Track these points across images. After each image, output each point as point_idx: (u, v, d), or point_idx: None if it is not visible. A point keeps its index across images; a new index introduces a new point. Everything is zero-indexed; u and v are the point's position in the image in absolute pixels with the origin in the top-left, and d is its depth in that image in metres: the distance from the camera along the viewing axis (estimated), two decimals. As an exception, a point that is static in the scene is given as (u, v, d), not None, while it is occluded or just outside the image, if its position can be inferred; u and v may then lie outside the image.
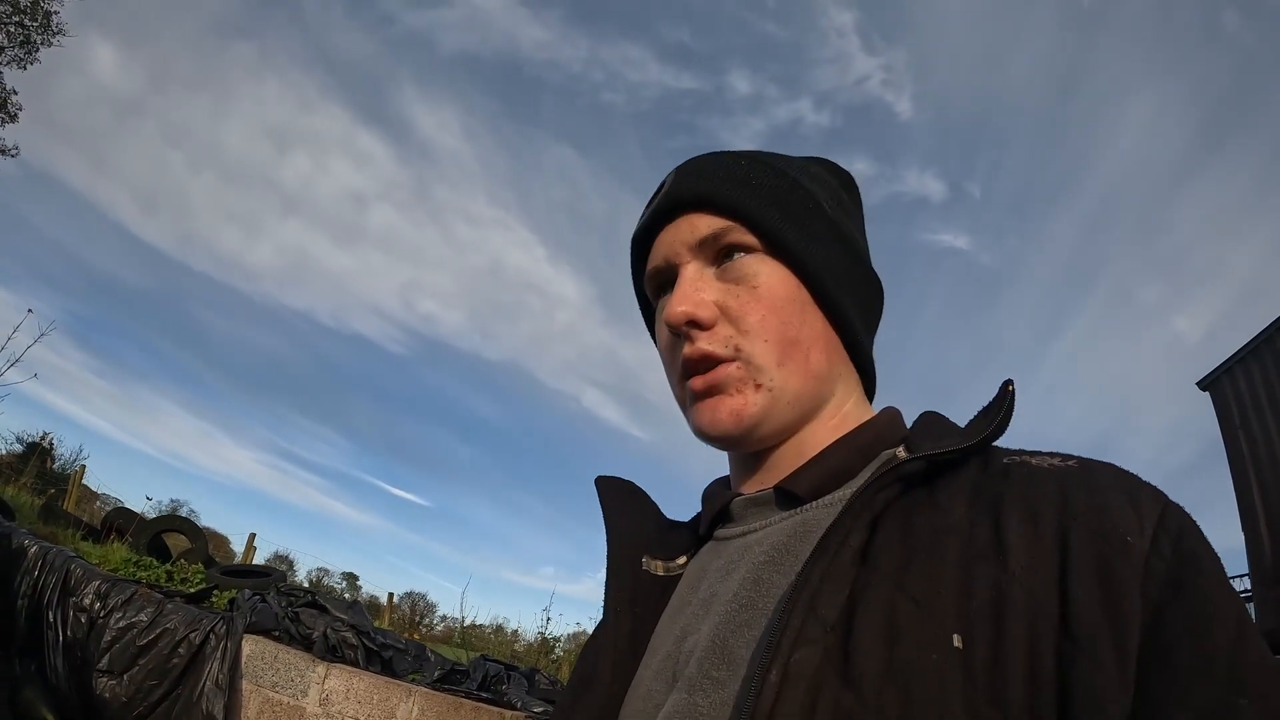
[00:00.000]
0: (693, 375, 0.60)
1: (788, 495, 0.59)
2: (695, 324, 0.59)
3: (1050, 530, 0.45)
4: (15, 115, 18.37)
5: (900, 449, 0.59)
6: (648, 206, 0.66)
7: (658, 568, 0.66)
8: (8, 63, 17.85)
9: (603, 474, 0.73)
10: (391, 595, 14.51)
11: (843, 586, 0.46)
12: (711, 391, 0.59)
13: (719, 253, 0.61)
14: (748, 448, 0.62)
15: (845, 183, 0.71)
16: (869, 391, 0.69)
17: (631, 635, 0.61)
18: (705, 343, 0.59)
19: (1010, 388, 0.55)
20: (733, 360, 0.58)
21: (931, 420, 0.61)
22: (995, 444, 0.55)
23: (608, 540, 0.67)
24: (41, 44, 18.07)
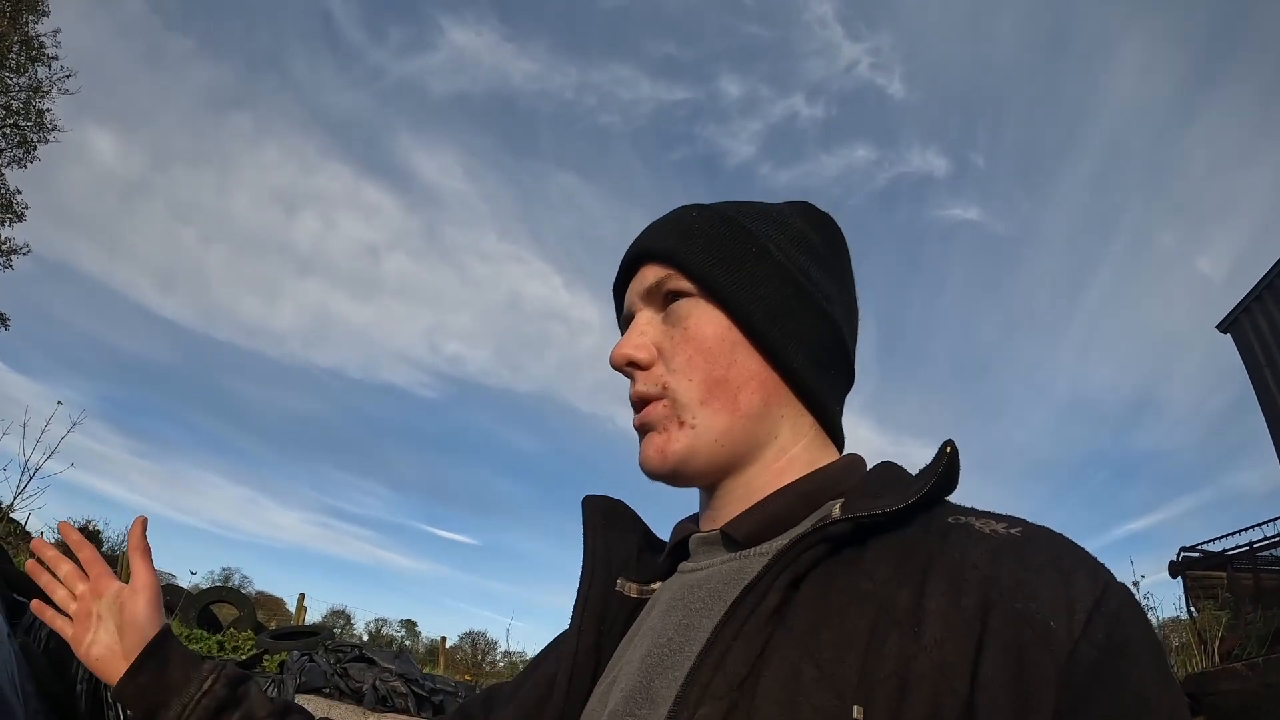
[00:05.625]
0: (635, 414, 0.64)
1: (730, 539, 0.60)
2: (634, 365, 0.63)
3: (972, 604, 0.44)
4: (22, 214, 18.87)
5: (837, 505, 0.57)
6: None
7: (631, 590, 0.67)
8: (8, 164, 18.36)
9: (592, 493, 0.74)
10: (444, 639, 14.56)
11: (754, 646, 0.47)
12: (645, 429, 0.63)
13: (664, 299, 0.65)
14: (682, 483, 0.64)
15: (818, 224, 0.70)
16: (835, 435, 0.67)
17: (594, 650, 0.63)
18: (640, 383, 0.63)
19: (949, 449, 0.54)
20: (660, 398, 0.62)
21: (883, 473, 0.61)
22: (949, 499, 0.55)
23: (584, 557, 0.68)
24: (39, 142, 18.59)
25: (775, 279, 0.63)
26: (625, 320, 0.69)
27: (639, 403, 0.63)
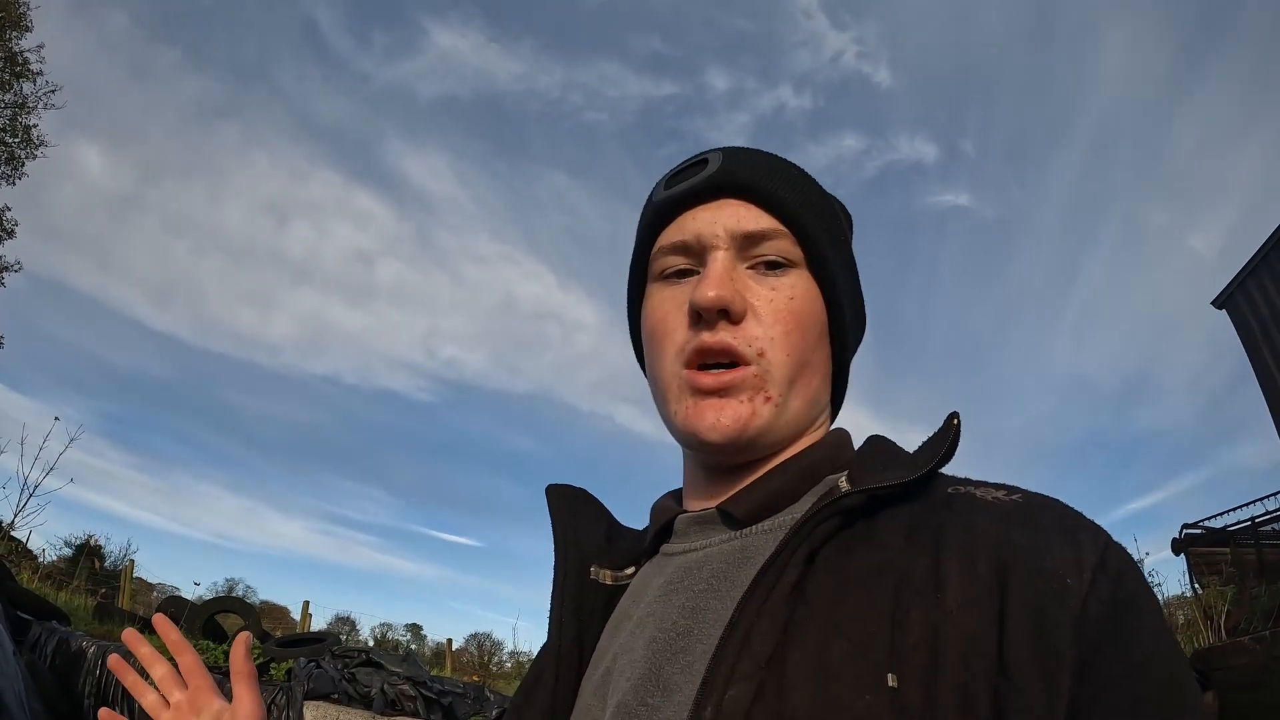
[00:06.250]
0: (704, 367, 0.58)
1: (729, 517, 0.58)
2: (725, 313, 0.56)
3: (989, 567, 0.45)
4: (12, 231, 18.76)
5: (843, 478, 0.56)
6: (680, 177, 0.62)
7: (606, 577, 0.65)
8: (-3, 181, 18.26)
9: (554, 483, 0.72)
10: (450, 641, 14.58)
11: (778, 623, 0.46)
12: (723, 393, 0.57)
13: (758, 252, 0.59)
14: (730, 457, 0.60)
15: (849, 220, 0.70)
16: (834, 415, 0.69)
17: (576, 640, 0.61)
18: (730, 336, 0.56)
19: (955, 421, 0.55)
20: (750, 365, 0.56)
21: (878, 447, 0.60)
22: (943, 471, 0.55)
23: (555, 548, 0.66)
24: (26, 158, 18.49)
25: (851, 271, 0.64)
26: (681, 248, 0.61)
27: (724, 355, 0.57)
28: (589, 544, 0.67)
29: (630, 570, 0.66)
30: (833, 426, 0.67)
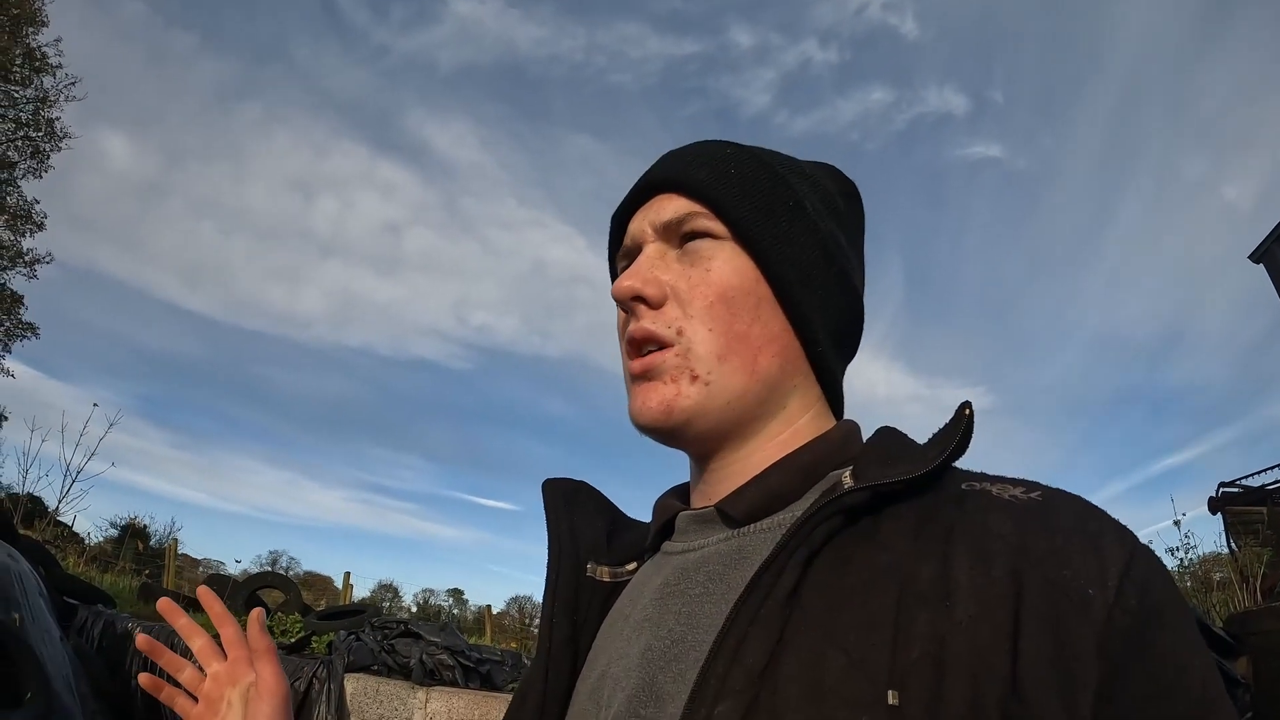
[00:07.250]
0: (635, 356, 0.58)
1: (727, 516, 0.56)
2: (641, 300, 0.57)
3: (1003, 574, 0.41)
4: (42, 224, 19.11)
5: (847, 473, 0.53)
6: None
7: (603, 574, 0.63)
8: (23, 175, 18.54)
9: (551, 476, 0.70)
10: (489, 607, 14.83)
11: (772, 632, 0.43)
12: (648, 376, 0.56)
13: (684, 236, 0.59)
14: (679, 444, 0.59)
15: (846, 191, 0.67)
16: (836, 408, 0.64)
17: (570, 641, 0.59)
18: (649, 321, 0.56)
19: (967, 411, 0.51)
20: (672, 345, 0.55)
21: (886, 439, 0.57)
22: (956, 465, 0.51)
23: (549, 546, 0.64)
24: (51, 151, 18.75)
25: (809, 238, 0.59)
26: (625, 253, 0.63)
27: (644, 342, 0.56)
28: (586, 540, 0.65)
29: (632, 566, 0.64)
30: (845, 418, 0.63)
